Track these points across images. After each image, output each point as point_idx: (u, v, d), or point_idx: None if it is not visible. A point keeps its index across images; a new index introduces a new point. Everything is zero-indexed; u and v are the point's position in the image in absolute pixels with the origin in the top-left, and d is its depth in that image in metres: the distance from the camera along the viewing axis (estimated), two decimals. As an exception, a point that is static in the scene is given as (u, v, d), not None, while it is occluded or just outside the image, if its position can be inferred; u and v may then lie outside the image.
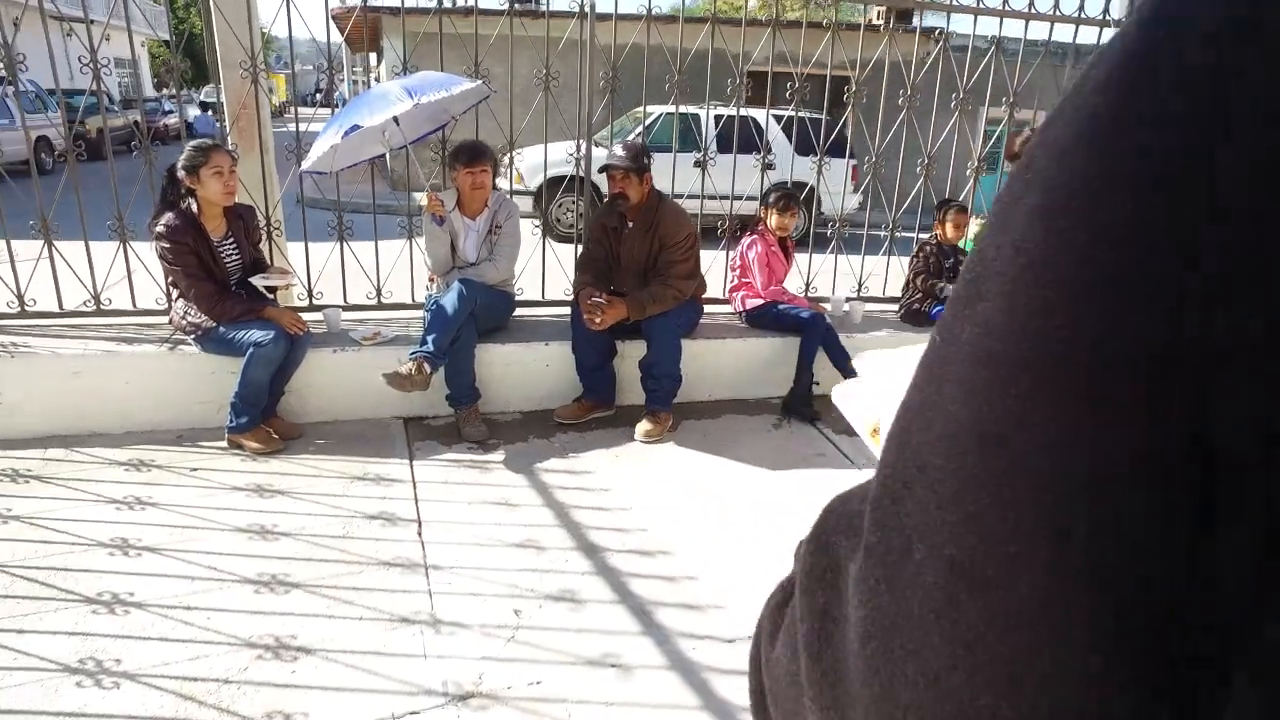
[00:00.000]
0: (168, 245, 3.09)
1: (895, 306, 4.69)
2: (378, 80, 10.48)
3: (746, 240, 4.14)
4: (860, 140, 4.64)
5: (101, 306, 3.58)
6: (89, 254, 3.48)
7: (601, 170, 3.63)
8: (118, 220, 3.49)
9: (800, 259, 4.44)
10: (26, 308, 3.51)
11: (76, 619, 2.24)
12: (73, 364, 3.25)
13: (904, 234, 4.68)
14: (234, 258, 3.29)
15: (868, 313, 4.58)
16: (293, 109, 3.87)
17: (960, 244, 4.51)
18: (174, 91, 3.68)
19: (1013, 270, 0.27)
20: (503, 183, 3.89)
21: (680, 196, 3.87)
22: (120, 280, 3.55)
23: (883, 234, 4.64)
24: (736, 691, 2.09)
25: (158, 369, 3.33)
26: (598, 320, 3.46)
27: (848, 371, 3.96)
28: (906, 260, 4.63)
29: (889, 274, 4.74)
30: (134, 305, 3.63)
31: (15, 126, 3.63)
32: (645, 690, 2.08)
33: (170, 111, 14.33)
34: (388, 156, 3.98)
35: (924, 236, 4.66)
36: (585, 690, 2.06)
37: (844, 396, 0.89)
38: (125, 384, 3.30)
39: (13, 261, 3.42)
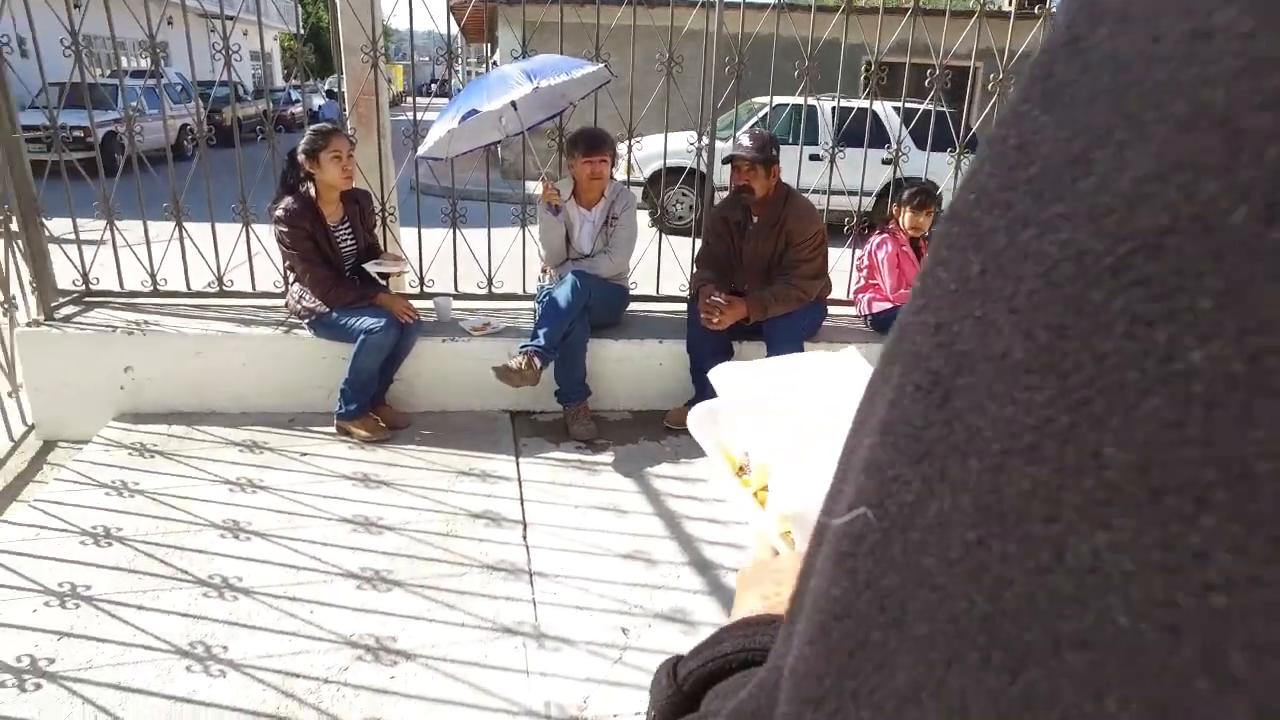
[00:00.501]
0: (285, 229, 3.09)
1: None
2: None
3: (876, 239, 3.87)
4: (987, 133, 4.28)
5: (224, 288, 3.65)
6: (214, 236, 3.55)
7: (726, 161, 3.44)
8: (241, 204, 3.54)
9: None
10: (159, 287, 3.62)
11: (189, 600, 2.23)
12: (195, 344, 3.31)
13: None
14: (349, 243, 3.27)
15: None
16: (410, 99, 3.85)
17: None
18: (300, 81, 3.73)
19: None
20: (618, 173, 3.75)
21: (805, 191, 3.63)
22: (243, 263, 3.60)
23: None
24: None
25: (272, 352, 3.36)
26: (715, 320, 3.28)
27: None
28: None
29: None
30: (253, 288, 3.68)
31: (160, 116, 3.76)
32: (763, 730, 1.90)
33: (296, 101, 14.97)
34: (499, 146, 3.91)
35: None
36: (698, 724, 1.90)
37: (702, 420, 0.67)
38: (242, 365, 3.34)
39: (148, 242, 3.52)
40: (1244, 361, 0.12)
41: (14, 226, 3.26)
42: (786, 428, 0.63)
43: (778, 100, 4.79)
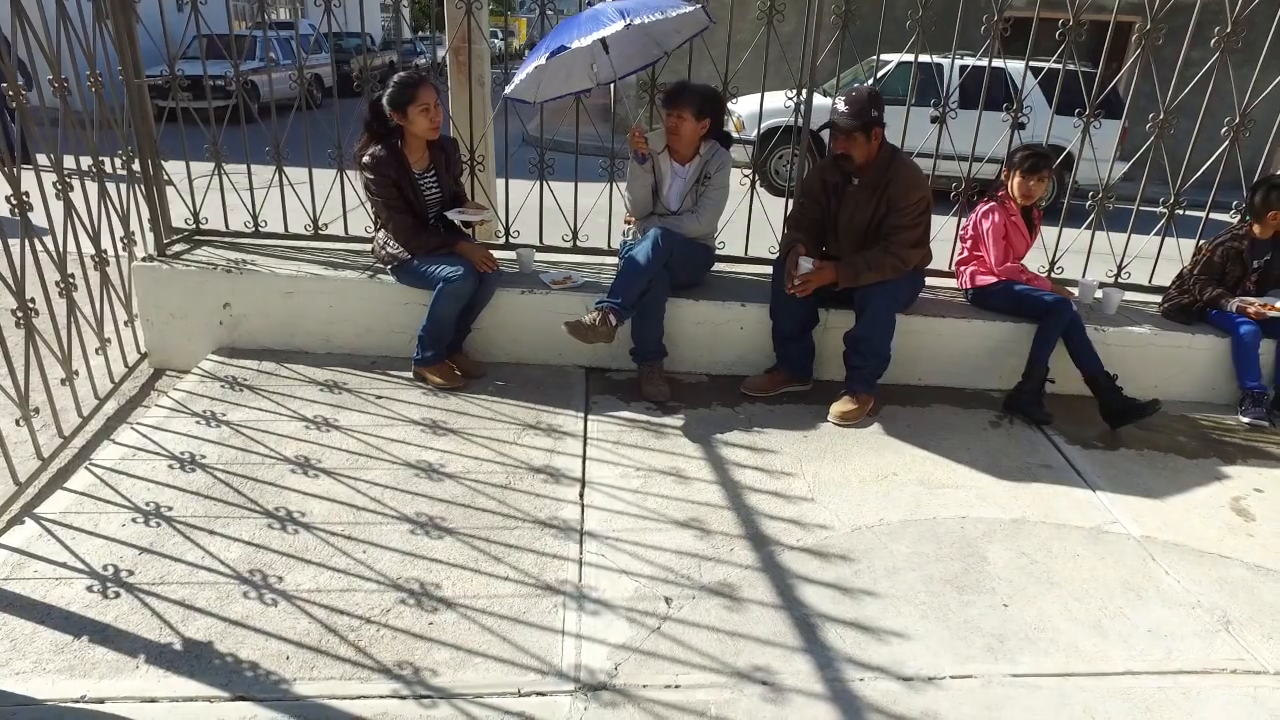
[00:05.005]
0: (371, 176, 3.12)
1: (1160, 299, 3.91)
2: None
3: (982, 207, 3.57)
4: (1136, 98, 3.85)
5: (319, 231, 3.76)
6: (311, 182, 3.65)
7: (823, 128, 3.23)
8: (337, 151, 3.61)
9: (1046, 233, 3.79)
10: (259, 229, 3.77)
11: (255, 530, 2.32)
12: (287, 284, 3.42)
13: (1190, 213, 3.85)
14: (433, 191, 3.28)
15: (1126, 303, 3.85)
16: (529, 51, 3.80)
17: None
18: (425, 33, 3.75)
19: None
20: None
21: (911, 153, 3.37)
22: (349, 211, 3.68)
23: (1159, 210, 3.85)
24: (909, 742, 1.76)
25: (358, 295, 3.43)
26: (797, 283, 3.11)
27: (1095, 374, 3.33)
28: (1189, 244, 3.83)
29: (1159, 258, 3.95)
30: (345, 232, 3.77)
31: (292, 66, 3.91)
32: (795, 718, 1.80)
33: (423, 53, 15.32)
34: (613, 99, 3.83)
35: (1219, 218, 3.83)
36: (727, 706, 1.81)
37: None
38: (329, 307, 3.43)
39: (251, 187, 3.65)
40: None
41: (135, 168, 3.44)
42: None
43: (901, 59, 4.49)
